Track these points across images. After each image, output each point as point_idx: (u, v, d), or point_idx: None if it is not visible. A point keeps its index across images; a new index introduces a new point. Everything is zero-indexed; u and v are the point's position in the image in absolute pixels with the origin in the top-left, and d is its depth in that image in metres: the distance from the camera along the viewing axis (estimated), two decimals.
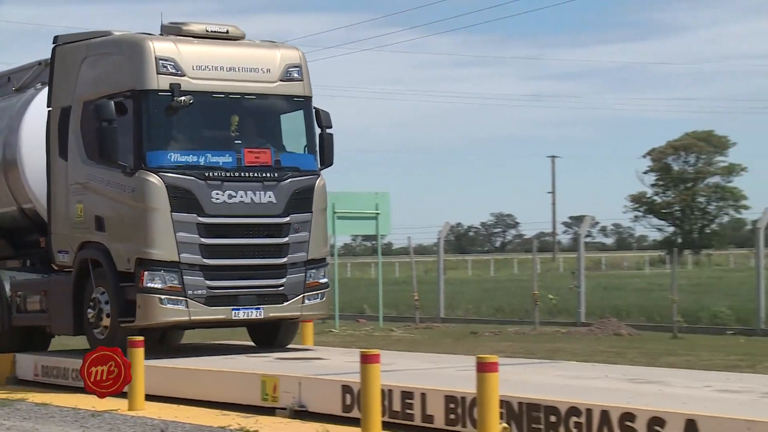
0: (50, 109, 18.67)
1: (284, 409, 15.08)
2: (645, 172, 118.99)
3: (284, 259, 17.36)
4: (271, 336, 18.73)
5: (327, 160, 18.15)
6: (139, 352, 16.18)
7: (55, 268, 19.73)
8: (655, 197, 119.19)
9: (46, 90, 19.49)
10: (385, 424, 13.06)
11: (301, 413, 14.79)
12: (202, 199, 16.78)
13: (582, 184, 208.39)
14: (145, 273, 16.52)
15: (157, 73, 16.69)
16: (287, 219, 17.37)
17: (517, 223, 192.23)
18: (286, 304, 17.42)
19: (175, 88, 16.59)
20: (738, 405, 11.89)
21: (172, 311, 16.61)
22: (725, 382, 14.33)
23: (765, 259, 29.68)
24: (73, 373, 18.29)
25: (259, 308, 17.16)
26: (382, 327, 33.14)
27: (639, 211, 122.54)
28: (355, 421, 13.38)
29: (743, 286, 35.95)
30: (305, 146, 18.12)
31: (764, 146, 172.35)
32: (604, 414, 11.70)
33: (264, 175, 17.36)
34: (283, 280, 17.35)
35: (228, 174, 17.07)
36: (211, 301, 16.82)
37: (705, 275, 62.78)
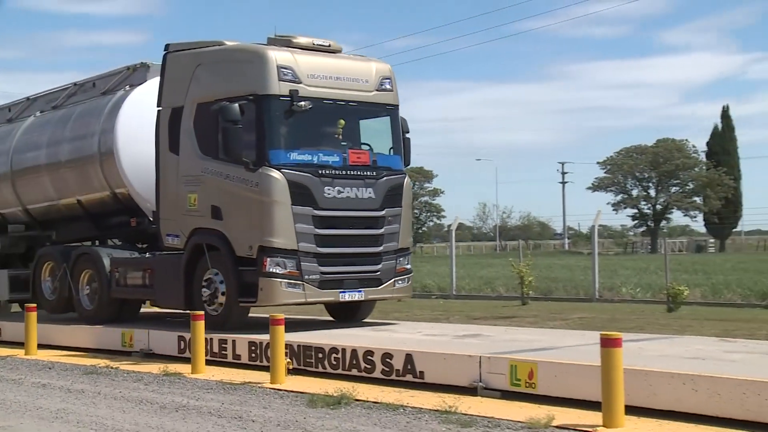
0: (160, 108, 14.96)
1: (138, 352, 14.81)
2: None
3: (380, 248, 14.15)
4: (351, 312, 15.32)
5: (407, 161, 15.37)
6: (32, 315, 15.68)
7: (139, 247, 16.79)
8: None
9: (136, 91, 16.21)
10: (207, 361, 12.97)
11: (150, 355, 14.54)
12: (316, 193, 13.49)
13: None
14: (268, 259, 13.18)
15: (279, 80, 13.37)
16: (383, 213, 14.14)
17: None
18: (381, 287, 14.22)
19: (293, 94, 13.32)
20: (438, 344, 12.12)
21: (290, 294, 13.36)
22: (431, 330, 14.55)
23: (456, 250, 30.51)
24: None
25: (360, 291, 13.97)
26: None
27: None
28: (187, 360, 13.23)
29: (442, 267, 36.48)
30: (392, 148, 14.75)
31: (453, 178, 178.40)
32: (354, 351, 11.77)
33: (365, 173, 14.09)
34: (379, 266, 14.14)
35: (336, 172, 13.76)
36: (323, 284, 13.59)
37: (419, 260, 63.69)
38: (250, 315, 14.60)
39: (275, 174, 13.20)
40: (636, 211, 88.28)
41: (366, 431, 8.71)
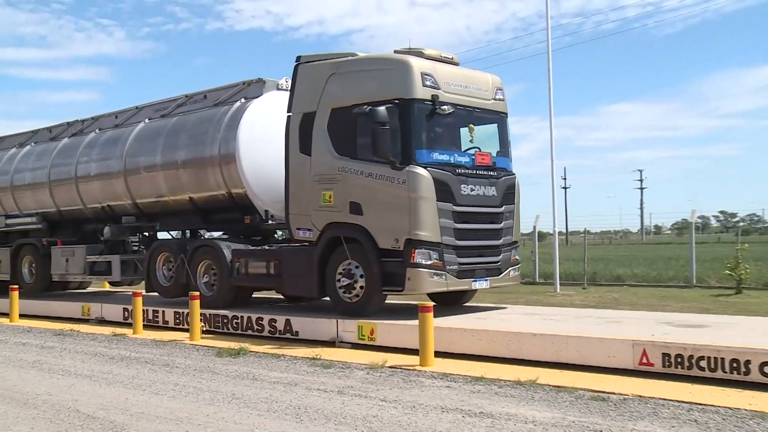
0: (290, 114, 11.49)
1: (94, 319, 14.24)
2: None
3: (500, 241, 11.06)
4: (457, 297, 11.95)
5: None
6: (15, 294, 14.94)
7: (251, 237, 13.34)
8: None
9: (254, 103, 12.80)
10: (144, 325, 12.59)
11: (103, 321, 13.99)
12: (455, 190, 10.37)
13: None
14: (416, 251, 10.04)
15: (423, 86, 10.33)
16: (502, 209, 11.06)
17: None
18: (500, 276, 11.06)
19: (435, 99, 10.35)
20: (312, 312, 11.85)
21: (435, 283, 10.18)
22: (306, 306, 14.34)
23: None
24: None
25: (486, 280, 10.81)
26: None
27: None
28: (129, 324, 12.76)
29: None
30: (499, 152, 11.40)
31: None
32: (249, 318, 11.55)
33: (489, 173, 10.94)
34: (500, 257, 11.05)
35: (468, 171, 10.64)
36: (460, 274, 10.45)
37: None
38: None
39: (422, 172, 10.13)
40: None
41: (257, 372, 8.58)
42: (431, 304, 8.84)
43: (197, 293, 11.64)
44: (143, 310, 12.68)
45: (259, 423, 6.33)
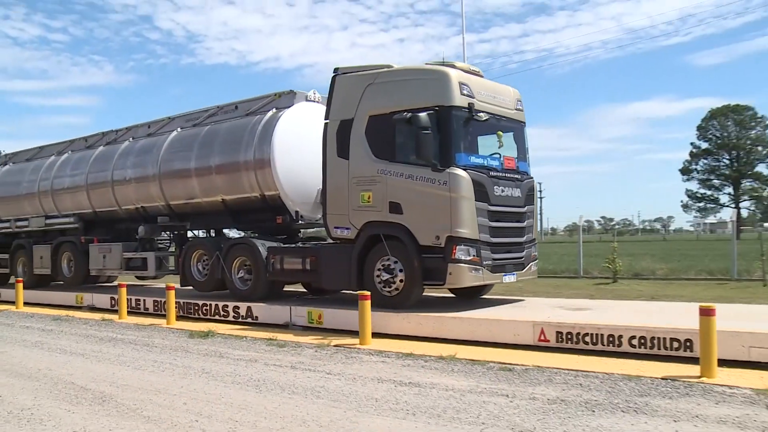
0: (327, 121, 10.12)
1: (86, 306, 13.76)
2: None
3: (524, 239, 9.89)
4: (475, 290, 10.62)
5: None
6: (20, 285, 14.36)
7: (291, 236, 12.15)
8: None
9: (287, 112, 11.50)
10: (128, 312, 12.24)
11: (93, 308, 13.54)
12: (489, 191, 9.22)
13: None
14: (457, 248, 8.88)
15: (461, 94, 9.15)
16: (525, 209, 9.88)
17: None
18: (524, 270, 9.86)
19: (471, 107, 9.16)
20: (276, 302, 11.50)
21: (473, 277, 9.02)
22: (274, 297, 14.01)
23: None
24: None
25: (513, 274, 9.61)
26: None
27: None
28: (116, 311, 12.40)
29: None
30: (520, 156, 10.12)
31: None
32: (216, 305, 11.28)
33: (514, 176, 9.76)
34: (524, 253, 9.85)
35: (498, 174, 9.47)
36: (494, 269, 9.27)
37: None
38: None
39: (463, 173, 8.99)
40: None
41: (224, 351, 8.41)
42: (367, 293, 8.68)
43: (173, 285, 11.35)
44: (127, 298, 12.32)
45: (225, 393, 6.22)
